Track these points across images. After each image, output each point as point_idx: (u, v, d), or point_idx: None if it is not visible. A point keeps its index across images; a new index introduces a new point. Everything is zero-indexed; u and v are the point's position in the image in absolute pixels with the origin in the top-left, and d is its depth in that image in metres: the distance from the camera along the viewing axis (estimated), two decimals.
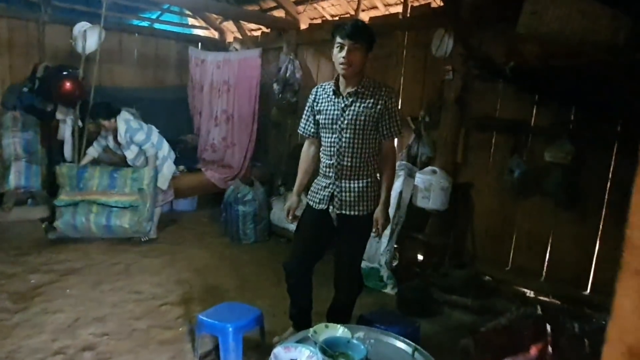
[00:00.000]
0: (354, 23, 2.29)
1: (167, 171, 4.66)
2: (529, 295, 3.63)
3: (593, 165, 3.32)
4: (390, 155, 2.49)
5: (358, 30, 2.25)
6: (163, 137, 4.64)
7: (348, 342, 2.09)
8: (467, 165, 4.03)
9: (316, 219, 2.53)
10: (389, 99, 2.38)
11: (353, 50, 2.26)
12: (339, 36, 2.27)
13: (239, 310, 2.65)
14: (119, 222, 4.25)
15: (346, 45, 2.25)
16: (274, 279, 3.83)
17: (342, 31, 2.25)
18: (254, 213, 4.72)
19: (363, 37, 2.27)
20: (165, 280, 3.68)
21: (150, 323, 3.00)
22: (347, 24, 2.27)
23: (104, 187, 4.32)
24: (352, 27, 2.24)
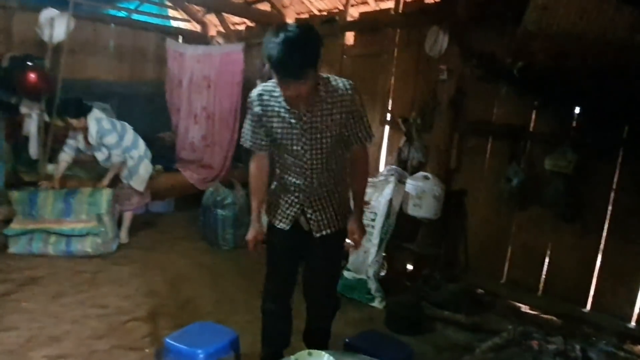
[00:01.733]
0: (289, 55, 1.69)
1: (144, 172, 4.35)
2: (525, 310, 3.43)
3: (596, 175, 3.12)
4: (359, 160, 2.14)
5: (299, 64, 1.73)
6: (139, 135, 4.32)
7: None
8: (461, 172, 3.81)
9: (287, 242, 2.21)
10: (351, 100, 1.96)
11: (301, 85, 1.79)
12: (278, 76, 1.79)
13: (211, 332, 2.37)
14: (81, 247, 3.92)
15: (291, 84, 1.79)
16: (253, 290, 3.54)
17: (279, 69, 1.75)
18: (234, 217, 4.43)
19: (308, 67, 1.75)
20: (134, 291, 3.38)
21: (114, 343, 2.70)
22: (281, 56, 1.70)
23: (58, 214, 3.94)
24: (291, 65, 1.72)
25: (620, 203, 3.07)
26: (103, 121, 4.01)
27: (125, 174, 4.23)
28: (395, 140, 4.25)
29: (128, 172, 4.22)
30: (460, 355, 2.84)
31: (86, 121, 3.95)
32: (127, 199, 4.32)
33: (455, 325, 3.22)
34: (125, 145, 4.13)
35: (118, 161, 4.10)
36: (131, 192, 4.31)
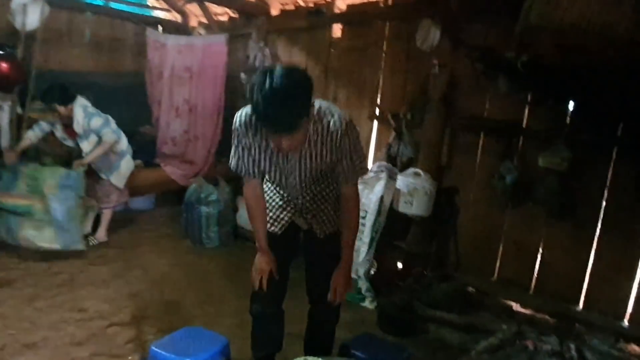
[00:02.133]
0: (279, 110, 1.57)
1: (125, 168, 4.16)
2: (517, 309, 3.39)
3: (590, 173, 3.09)
4: (349, 202, 1.99)
5: (290, 119, 1.62)
6: (121, 130, 4.13)
7: None
8: (452, 169, 3.75)
9: (279, 244, 2.12)
10: (342, 141, 1.83)
11: (293, 136, 1.70)
12: (267, 130, 1.74)
13: (200, 339, 2.25)
14: (29, 235, 3.56)
15: (282, 137, 1.69)
16: (241, 290, 3.42)
17: (268, 125, 1.68)
18: (218, 215, 4.29)
19: (300, 119, 1.65)
20: (115, 294, 3.22)
21: (94, 350, 2.55)
22: (270, 112, 1.58)
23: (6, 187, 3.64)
24: (281, 121, 1.61)
25: (613, 201, 3.05)
26: (89, 108, 3.86)
27: (105, 170, 4.04)
28: (384, 136, 4.17)
29: (108, 167, 4.04)
30: (456, 357, 2.78)
31: (72, 108, 3.76)
32: (105, 195, 4.13)
33: (449, 325, 3.16)
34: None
35: (111, 139, 3.91)
36: (110, 188, 4.13)
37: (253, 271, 2.09)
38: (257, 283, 2.08)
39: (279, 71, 1.59)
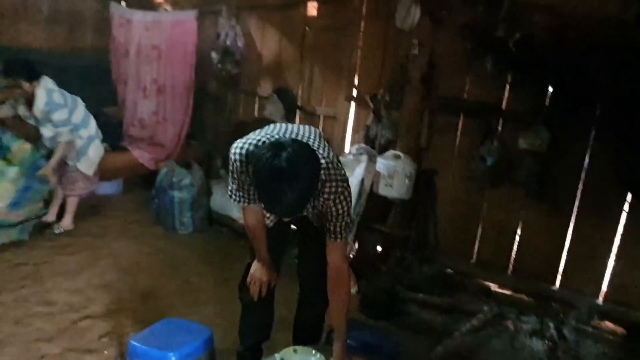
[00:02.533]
0: (287, 199, 1.48)
1: (94, 154, 3.93)
2: (495, 290, 3.43)
3: (568, 154, 3.12)
4: (340, 273, 1.88)
5: (298, 207, 1.56)
6: (90, 113, 3.88)
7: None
8: (431, 151, 3.72)
9: (271, 231, 2.06)
10: (334, 205, 1.76)
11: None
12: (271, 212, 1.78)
13: (182, 331, 2.15)
14: None
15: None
16: (218, 277, 3.34)
17: (275, 212, 1.70)
18: (191, 200, 4.14)
19: (307, 203, 1.62)
20: (86, 284, 3.05)
21: (66, 345, 2.41)
22: (278, 201, 1.50)
23: None
24: (289, 208, 1.54)
25: (590, 182, 3.09)
26: (54, 94, 3.58)
27: (72, 156, 3.80)
28: (362, 118, 4.09)
29: (76, 153, 3.80)
30: (438, 338, 2.79)
31: (36, 87, 3.50)
32: (71, 182, 3.90)
33: (430, 307, 3.17)
34: (74, 122, 3.70)
35: (66, 139, 3.66)
36: (77, 175, 3.89)
37: (249, 279, 2.01)
38: (256, 295, 1.99)
39: (288, 154, 1.47)
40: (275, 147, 1.49)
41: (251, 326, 2.20)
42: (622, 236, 3.03)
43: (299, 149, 1.51)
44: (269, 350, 2.23)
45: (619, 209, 3.01)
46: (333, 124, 4.32)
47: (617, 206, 3.01)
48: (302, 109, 4.53)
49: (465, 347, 2.72)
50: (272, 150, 1.48)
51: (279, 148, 1.48)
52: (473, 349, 2.72)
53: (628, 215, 3.00)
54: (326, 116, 4.32)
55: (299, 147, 1.53)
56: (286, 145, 1.50)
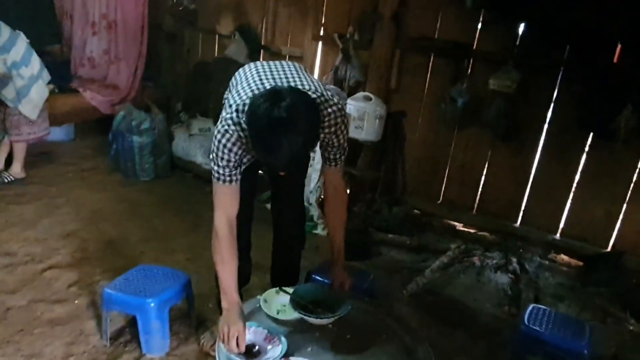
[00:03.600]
0: (288, 152, 1.38)
1: (37, 96, 3.58)
2: (460, 229, 3.56)
3: (536, 95, 3.17)
4: (337, 189, 1.89)
5: (299, 157, 1.47)
6: (33, 50, 3.52)
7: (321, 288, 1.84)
8: (401, 92, 3.68)
9: (243, 175, 1.88)
10: (337, 128, 1.69)
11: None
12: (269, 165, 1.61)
13: (159, 277, 2.08)
14: None
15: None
16: (186, 223, 3.25)
17: (274, 164, 1.50)
18: (153, 144, 3.93)
19: (309, 152, 1.63)
20: (46, 234, 2.89)
21: (32, 296, 2.30)
22: (278, 154, 1.39)
23: None
24: (290, 160, 1.43)
25: (556, 123, 3.17)
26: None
27: (12, 97, 3.47)
28: (330, 58, 3.96)
29: (16, 93, 3.47)
30: (410, 276, 2.88)
31: None
32: (15, 127, 3.58)
33: (400, 247, 3.25)
34: (13, 59, 3.35)
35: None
36: (20, 119, 3.57)
37: (220, 334, 1.59)
38: (234, 349, 1.54)
39: (287, 103, 1.37)
40: (273, 96, 1.40)
41: None
42: (580, 176, 3.18)
43: (298, 99, 1.42)
44: (247, 293, 2.21)
45: (580, 150, 3.13)
46: None
47: (579, 147, 3.13)
48: (267, 49, 4.33)
49: (435, 283, 2.82)
50: (270, 100, 1.39)
51: (277, 97, 1.39)
52: (443, 284, 2.84)
53: (587, 156, 3.13)
54: (292, 56, 4.14)
55: (298, 96, 1.44)
56: (284, 93, 1.41)
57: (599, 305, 2.73)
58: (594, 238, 3.16)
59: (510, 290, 2.81)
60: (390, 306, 2.47)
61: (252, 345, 1.60)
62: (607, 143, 2.93)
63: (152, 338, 1.95)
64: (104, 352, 1.99)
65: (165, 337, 2.00)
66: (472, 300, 2.72)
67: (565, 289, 2.90)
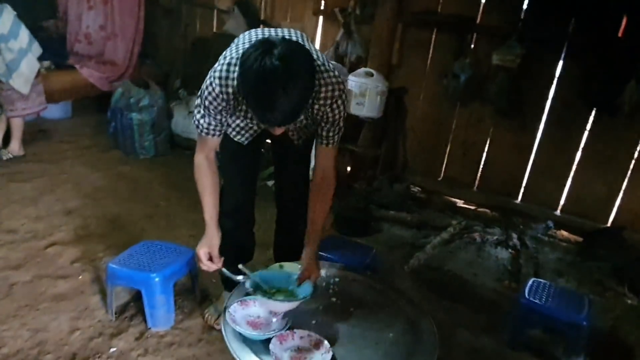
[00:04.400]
0: (280, 106, 1.30)
1: (27, 69, 3.53)
2: (461, 205, 3.56)
3: (539, 70, 3.14)
4: (326, 171, 1.73)
5: (293, 113, 1.36)
6: (21, 22, 3.45)
7: (289, 277, 1.73)
8: (403, 68, 3.64)
9: (246, 150, 1.91)
10: (335, 103, 1.59)
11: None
12: (261, 122, 1.52)
13: (163, 252, 2.09)
14: None
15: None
16: (188, 200, 3.24)
17: (265, 121, 1.40)
18: (152, 122, 3.90)
19: (301, 112, 1.41)
20: (47, 212, 2.89)
21: (36, 272, 2.31)
22: (269, 108, 1.32)
23: None
24: (282, 116, 1.35)
25: (558, 98, 3.15)
26: None
27: (3, 71, 3.42)
28: (332, 33, 3.90)
29: (6, 68, 3.41)
30: (410, 252, 2.90)
31: None
32: (9, 103, 3.54)
33: (401, 223, 3.26)
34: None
35: None
36: (12, 94, 3.52)
37: (198, 251, 1.76)
38: (206, 266, 1.74)
39: (280, 51, 1.28)
40: (265, 45, 1.31)
41: (232, 252, 2.15)
42: (582, 152, 3.17)
43: (291, 46, 1.33)
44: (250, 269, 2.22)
45: (583, 126, 3.12)
46: None
47: (581, 123, 3.12)
48: (266, 24, 4.25)
49: (436, 259, 2.85)
50: (261, 48, 1.30)
51: (269, 45, 1.30)
52: (443, 260, 2.86)
53: (589, 132, 3.12)
54: None
55: (291, 45, 1.34)
56: (277, 43, 1.32)
57: (598, 279, 2.76)
58: (594, 214, 3.17)
59: (511, 265, 2.84)
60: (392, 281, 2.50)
61: (256, 316, 1.62)
62: (609, 119, 2.92)
63: (157, 312, 1.97)
64: (109, 326, 2.01)
65: (170, 311, 2.02)
66: (472, 275, 2.74)
67: (565, 264, 2.93)
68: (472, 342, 2.16)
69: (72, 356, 1.84)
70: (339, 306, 1.77)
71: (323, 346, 1.49)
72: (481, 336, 2.20)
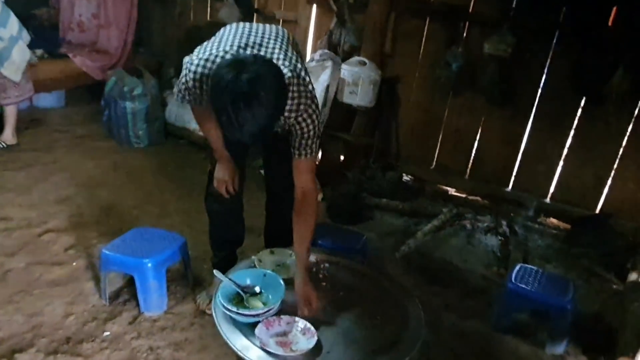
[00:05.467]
0: (249, 135, 1.38)
1: (18, 57, 3.51)
2: (452, 193, 3.60)
3: (530, 59, 3.16)
4: (308, 198, 1.72)
5: (260, 135, 1.42)
6: (10, 10, 3.43)
7: (264, 275, 1.74)
8: (396, 57, 3.65)
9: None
10: (301, 117, 1.61)
11: None
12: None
13: (155, 239, 2.12)
14: None
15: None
16: (181, 189, 3.27)
17: (236, 135, 1.43)
18: (146, 110, 3.90)
19: (270, 131, 1.47)
20: (41, 200, 2.91)
21: (30, 259, 2.33)
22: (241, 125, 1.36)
23: None
24: (250, 136, 1.40)
25: (549, 87, 3.18)
26: None
27: None
28: (325, 22, 3.90)
29: None
30: (402, 239, 2.94)
31: None
32: (2, 91, 3.54)
33: (393, 211, 3.30)
34: None
35: None
36: (5, 82, 3.52)
37: (215, 181, 1.93)
38: (224, 191, 1.92)
39: (249, 75, 1.32)
40: (236, 66, 1.35)
41: (222, 237, 2.19)
42: (572, 140, 3.21)
43: (261, 69, 1.36)
44: (242, 256, 2.26)
45: (572, 114, 3.15)
46: (293, 29, 4.09)
47: (571, 112, 3.15)
48: (260, 13, 4.25)
49: (427, 246, 2.89)
50: (232, 71, 1.34)
51: (239, 67, 1.34)
52: (434, 247, 2.90)
53: (579, 121, 3.15)
54: (286, 20, 4.08)
55: (262, 66, 1.38)
56: (247, 63, 1.35)
57: (585, 265, 2.81)
58: (583, 201, 3.21)
59: (500, 252, 2.88)
60: (382, 267, 2.54)
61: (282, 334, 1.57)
62: (598, 107, 2.95)
63: (150, 297, 2.00)
64: (103, 311, 2.04)
65: (163, 296, 2.05)
66: (462, 262, 2.79)
67: (553, 250, 2.98)
68: (459, 325, 2.21)
69: (67, 340, 1.87)
70: (328, 290, 1.80)
71: (309, 331, 1.53)
72: (468, 320, 2.25)
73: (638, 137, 2.96)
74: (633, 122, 2.96)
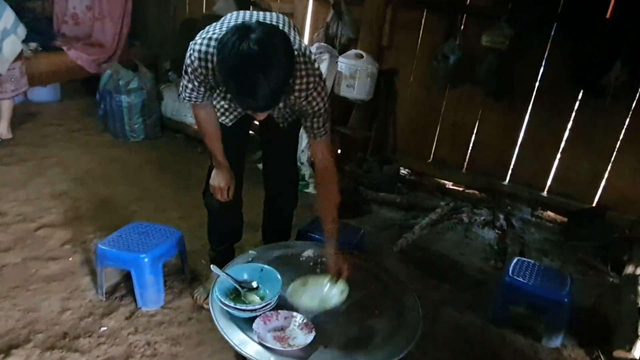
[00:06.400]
0: (258, 89, 1.30)
1: (8, 51, 3.44)
2: (450, 187, 3.60)
3: (528, 51, 3.15)
4: (328, 173, 1.75)
5: (272, 98, 1.35)
6: (6, 3, 3.39)
7: (262, 270, 1.71)
8: (393, 49, 3.63)
9: (232, 131, 1.91)
10: (311, 96, 1.58)
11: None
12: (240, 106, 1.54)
13: (152, 233, 2.11)
14: None
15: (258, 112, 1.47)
16: (178, 183, 3.26)
17: (243, 105, 1.44)
18: (142, 104, 3.87)
19: (281, 94, 1.40)
20: (37, 194, 2.89)
21: (26, 254, 2.32)
22: (247, 92, 1.32)
23: None
24: (261, 102, 1.34)
25: (547, 79, 3.17)
26: None
27: None
28: (322, 15, 3.87)
29: None
30: (399, 233, 2.94)
31: None
32: None
33: (391, 205, 3.29)
34: None
35: None
36: (3, 77, 3.50)
37: (211, 187, 1.90)
38: (219, 197, 1.89)
39: (257, 35, 1.27)
40: (241, 30, 1.30)
41: (220, 232, 2.17)
42: (569, 133, 3.21)
43: (267, 30, 1.32)
44: (239, 250, 2.25)
45: (570, 107, 3.15)
46: None
47: (568, 105, 3.15)
48: (256, 5, 4.20)
49: (424, 239, 2.89)
50: (237, 34, 1.29)
51: (245, 30, 1.30)
52: (431, 240, 2.90)
53: (576, 114, 3.15)
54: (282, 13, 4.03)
55: (267, 28, 1.33)
56: (253, 27, 1.31)
57: (581, 258, 2.82)
58: (579, 195, 3.22)
59: (497, 245, 2.88)
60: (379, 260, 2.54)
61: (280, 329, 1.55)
62: (596, 100, 2.95)
63: (147, 292, 1.99)
64: (100, 306, 2.04)
65: (160, 291, 2.05)
66: (459, 255, 2.79)
67: (550, 243, 2.98)
68: (456, 318, 2.22)
69: (63, 335, 1.87)
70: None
71: (307, 326, 1.52)
72: (465, 313, 2.25)
73: (635, 130, 2.97)
74: (630, 115, 2.96)
